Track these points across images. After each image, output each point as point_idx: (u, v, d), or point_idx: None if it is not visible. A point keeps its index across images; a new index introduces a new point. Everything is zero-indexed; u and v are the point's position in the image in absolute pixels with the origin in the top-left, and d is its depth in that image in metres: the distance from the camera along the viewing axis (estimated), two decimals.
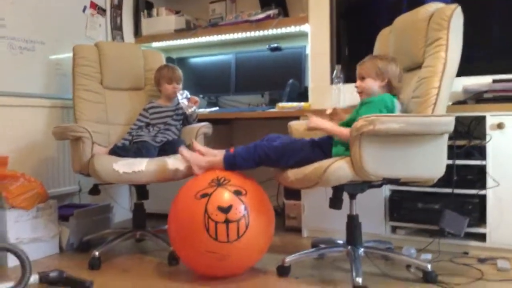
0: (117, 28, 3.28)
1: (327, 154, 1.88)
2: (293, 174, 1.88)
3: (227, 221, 1.79)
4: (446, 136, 1.85)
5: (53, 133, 2.34)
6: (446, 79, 1.84)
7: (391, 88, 1.93)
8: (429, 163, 1.81)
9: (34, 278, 1.75)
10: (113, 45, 2.94)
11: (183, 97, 2.51)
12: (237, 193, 1.85)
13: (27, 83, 2.62)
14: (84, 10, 3.03)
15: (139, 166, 2.16)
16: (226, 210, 1.80)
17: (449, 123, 1.77)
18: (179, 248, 1.97)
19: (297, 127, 2.32)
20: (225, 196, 1.84)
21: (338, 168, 1.73)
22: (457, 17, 1.90)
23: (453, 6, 1.90)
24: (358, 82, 1.99)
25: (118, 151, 2.33)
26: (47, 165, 2.68)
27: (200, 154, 2.09)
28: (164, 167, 2.19)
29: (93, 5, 3.10)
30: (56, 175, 2.72)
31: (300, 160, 1.90)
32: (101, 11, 3.16)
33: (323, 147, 1.92)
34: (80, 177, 2.58)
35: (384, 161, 1.73)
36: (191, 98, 2.54)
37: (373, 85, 1.93)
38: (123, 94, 2.72)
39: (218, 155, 2.04)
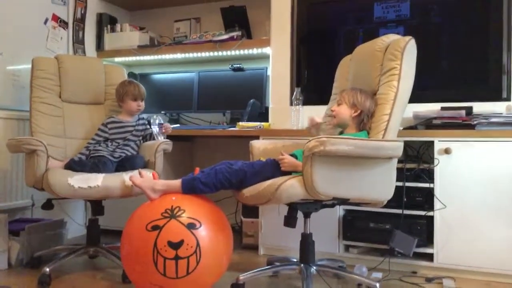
0: (79, 41, 3.26)
1: (287, 174, 1.91)
2: (248, 191, 1.91)
3: (176, 258, 1.71)
4: (395, 160, 1.94)
5: (7, 145, 2.28)
6: (397, 107, 1.93)
7: (361, 121, 2.02)
8: (378, 185, 1.89)
9: None
10: (74, 59, 2.91)
11: (155, 123, 2.52)
12: (191, 226, 1.75)
13: None
14: (45, 22, 3.00)
15: (95, 181, 2.13)
16: (176, 246, 1.71)
17: (396, 148, 1.86)
18: (130, 274, 1.90)
19: (258, 146, 2.36)
20: (177, 230, 1.74)
21: (290, 186, 1.77)
22: (410, 49, 2.00)
23: (407, 38, 2.01)
24: (335, 107, 2.10)
25: (74, 166, 2.29)
26: (0, 178, 2.60)
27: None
28: (121, 183, 2.17)
29: (55, 18, 3.07)
30: (8, 189, 2.63)
31: (260, 181, 1.91)
32: (63, 24, 3.13)
33: None
34: (33, 191, 2.51)
35: (334, 181, 1.79)
36: (164, 126, 2.55)
37: (346, 112, 2.03)
38: (82, 108, 2.69)
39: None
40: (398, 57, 1.97)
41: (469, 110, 2.31)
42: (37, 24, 2.93)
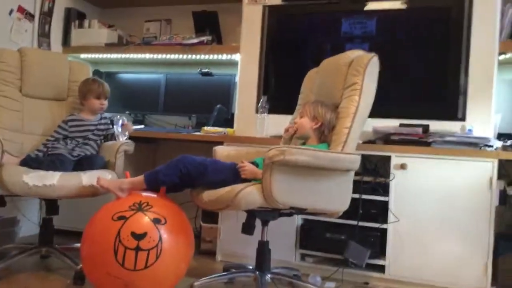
0: (44, 35, 3.18)
1: (247, 181, 1.93)
2: (207, 196, 1.92)
3: (137, 249, 1.73)
4: (352, 173, 1.99)
5: None
6: (357, 121, 1.98)
7: (322, 133, 2.07)
8: (335, 196, 1.93)
9: None
10: (37, 52, 2.83)
11: (118, 123, 2.49)
12: (156, 221, 1.80)
13: None
14: (10, 13, 2.91)
15: (51, 180, 2.09)
16: (139, 237, 1.74)
17: (354, 161, 1.91)
18: (87, 266, 1.90)
19: (221, 151, 2.37)
20: (142, 222, 1.79)
21: (249, 193, 1.79)
22: (373, 65, 2.07)
23: (370, 55, 2.08)
24: (297, 119, 2.15)
25: (31, 162, 2.24)
26: None
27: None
28: (78, 183, 2.13)
29: (21, 9, 2.99)
30: None
31: (220, 181, 1.93)
32: (29, 16, 3.05)
33: None
34: None
35: (292, 190, 1.82)
36: (126, 125, 2.52)
37: (307, 124, 2.08)
38: (43, 104, 2.62)
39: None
40: (360, 73, 2.03)
41: (426, 127, 2.39)
42: (1, 14, 2.84)
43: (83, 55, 3.36)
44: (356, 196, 2.24)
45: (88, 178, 2.17)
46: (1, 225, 2.52)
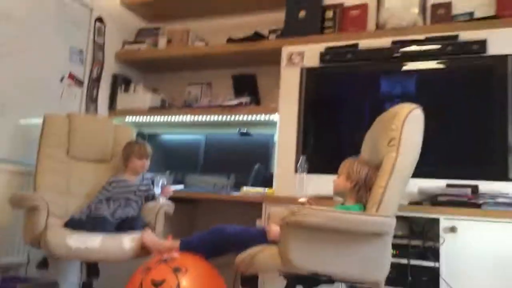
0: (92, 100, 3.35)
1: None
2: (238, 257, 1.88)
3: None
4: (386, 238, 1.83)
5: (10, 200, 2.29)
6: (394, 179, 1.82)
7: (357, 192, 1.96)
8: (364, 264, 1.77)
9: None
10: (84, 118, 2.97)
11: (158, 184, 2.54)
12: (176, 270, 1.86)
13: None
14: (61, 80, 3.10)
15: (92, 242, 2.11)
16: (157, 284, 1.81)
17: (382, 224, 1.75)
18: None
19: (275, 213, 2.33)
20: (162, 271, 1.86)
21: (267, 256, 1.74)
22: (413, 119, 1.90)
23: (411, 107, 1.92)
24: (335, 178, 2.07)
25: (74, 224, 2.28)
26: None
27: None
28: (119, 246, 2.14)
29: (72, 76, 3.18)
30: (5, 244, 2.60)
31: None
32: (79, 82, 3.24)
33: None
34: (29, 248, 2.47)
35: (312, 255, 1.72)
36: (165, 189, 2.58)
37: (342, 184, 2.00)
38: (88, 166, 2.71)
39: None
40: (398, 127, 1.87)
41: (475, 188, 2.28)
42: (53, 80, 3.03)
43: (128, 118, 3.49)
44: (404, 261, 2.11)
45: (128, 241, 2.18)
46: None
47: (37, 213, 2.17)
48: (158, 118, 3.40)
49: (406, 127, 1.88)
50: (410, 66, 2.62)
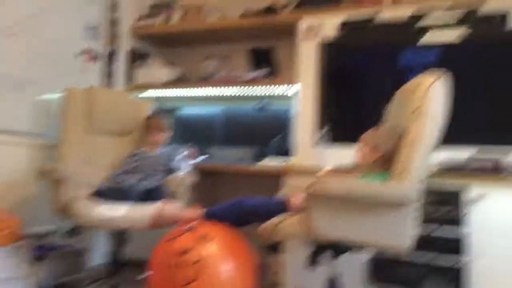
0: (110, 75, 3.36)
1: None
2: (260, 227, 1.94)
3: (183, 264, 1.81)
4: (412, 206, 1.83)
5: (36, 172, 2.33)
6: (419, 149, 1.83)
7: (383, 163, 1.97)
8: (389, 232, 1.79)
9: None
10: (103, 91, 2.99)
11: (180, 156, 2.57)
12: (202, 237, 1.88)
13: (14, 120, 2.63)
14: (79, 55, 3.11)
15: (119, 212, 2.16)
16: (184, 252, 1.83)
17: (404, 193, 1.75)
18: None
19: (290, 184, 2.37)
20: (187, 239, 1.88)
21: (289, 225, 1.78)
22: (437, 87, 1.90)
23: (435, 76, 1.92)
24: (358, 148, 2.09)
25: (100, 195, 2.32)
26: (27, 204, 2.63)
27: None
28: (145, 215, 2.18)
29: (89, 51, 3.19)
30: (34, 214, 2.66)
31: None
32: (95, 58, 3.24)
33: None
34: (58, 218, 2.53)
35: (334, 223, 1.74)
36: (192, 152, 2.64)
37: (368, 155, 2.02)
38: (109, 139, 2.74)
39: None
40: (422, 96, 1.87)
41: (503, 157, 2.27)
42: (71, 56, 3.04)
43: (145, 93, 3.51)
44: (431, 230, 2.14)
45: (154, 209, 2.21)
46: (73, 255, 2.61)
47: (64, 185, 2.22)
48: (175, 92, 3.41)
49: (430, 95, 1.88)
50: (430, 37, 2.61)
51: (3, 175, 2.52)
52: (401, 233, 1.82)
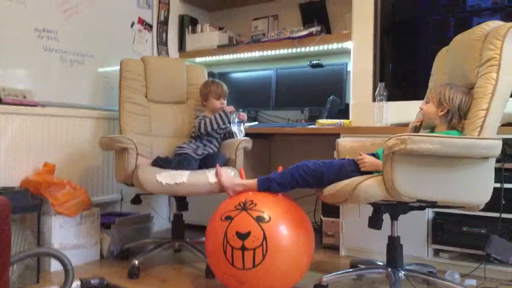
0: (162, 43, 3.39)
1: (368, 173, 1.83)
2: (327, 189, 1.86)
3: (243, 248, 1.75)
4: (492, 161, 1.77)
5: (100, 143, 2.42)
6: (495, 101, 1.75)
7: (450, 120, 1.86)
8: (471, 188, 1.73)
9: (76, 284, 1.80)
10: (158, 60, 3.02)
11: (235, 121, 2.57)
12: (259, 219, 1.79)
13: (76, 94, 2.73)
14: (132, 26, 3.15)
15: (181, 178, 2.20)
16: (243, 236, 1.76)
17: (493, 146, 1.69)
18: (211, 263, 1.97)
19: (344, 144, 2.29)
20: (246, 221, 1.79)
21: (369, 186, 1.70)
22: None
23: (509, 24, 1.81)
24: (423, 104, 1.97)
25: (160, 163, 2.38)
26: (92, 174, 2.77)
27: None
28: (205, 181, 2.22)
29: (141, 21, 3.21)
30: (100, 184, 2.80)
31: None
32: (148, 27, 3.27)
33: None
34: (122, 186, 2.65)
35: (418, 182, 1.68)
36: (240, 115, 2.60)
37: (432, 111, 1.89)
38: (166, 107, 2.78)
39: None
40: (497, 46, 1.78)
41: None
42: (124, 27, 3.09)
43: (197, 59, 3.51)
44: (497, 185, 2.01)
45: (213, 175, 2.25)
46: (138, 221, 2.74)
47: (128, 154, 2.28)
48: (227, 56, 3.38)
49: (506, 45, 1.78)
50: None
51: (70, 147, 2.65)
52: (484, 189, 1.78)
